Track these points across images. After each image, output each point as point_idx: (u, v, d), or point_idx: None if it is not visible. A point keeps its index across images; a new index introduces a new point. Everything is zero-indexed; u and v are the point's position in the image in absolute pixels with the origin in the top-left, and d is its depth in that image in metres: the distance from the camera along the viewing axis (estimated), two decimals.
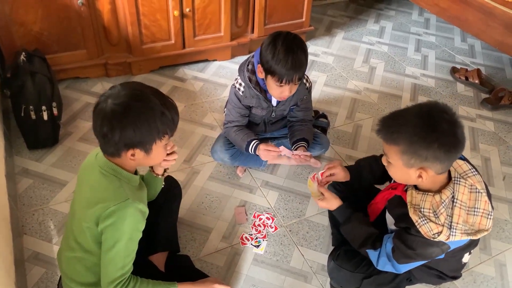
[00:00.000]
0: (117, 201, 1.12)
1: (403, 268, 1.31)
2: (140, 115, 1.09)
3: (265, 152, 1.78)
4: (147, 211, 1.21)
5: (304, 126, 1.93)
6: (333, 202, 1.44)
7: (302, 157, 1.77)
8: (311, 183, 1.50)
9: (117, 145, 1.12)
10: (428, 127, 1.11)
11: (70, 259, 1.25)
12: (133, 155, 1.14)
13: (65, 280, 1.29)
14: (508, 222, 1.95)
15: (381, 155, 1.53)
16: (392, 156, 1.19)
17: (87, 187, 1.21)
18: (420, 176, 1.17)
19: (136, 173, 1.26)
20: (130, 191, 1.18)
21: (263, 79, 1.71)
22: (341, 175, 1.55)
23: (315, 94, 2.61)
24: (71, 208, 1.29)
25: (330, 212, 1.73)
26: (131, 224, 1.15)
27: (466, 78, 2.83)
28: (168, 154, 1.30)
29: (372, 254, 1.36)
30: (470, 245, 1.31)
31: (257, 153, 1.82)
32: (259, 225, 1.82)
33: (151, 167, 1.39)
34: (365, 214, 1.53)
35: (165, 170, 1.40)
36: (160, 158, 1.24)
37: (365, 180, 1.55)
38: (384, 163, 1.27)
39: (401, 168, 1.19)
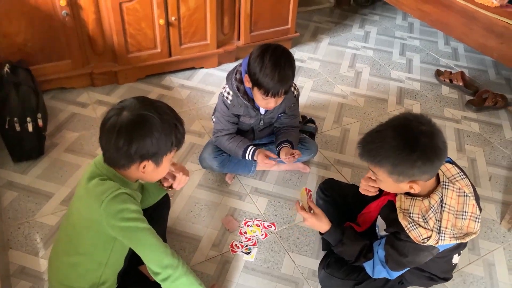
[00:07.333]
0: (107, 192, 1.11)
1: (396, 273, 1.32)
2: (157, 126, 1.11)
3: (262, 161, 1.79)
4: (136, 197, 1.21)
5: (289, 130, 1.94)
6: (323, 223, 1.39)
7: (290, 158, 1.78)
8: (304, 193, 1.46)
9: (132, 157, 1.12)
10: (408, 147, 1.10)
11: (63, 265, 1.25)
12: (144, 167, 1.15)
13: (56, 286, 1.27)
14: (496, 221, 1.97)
15: None
16: (380, 175, 1.19)
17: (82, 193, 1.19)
18: (411, 188, 1.18)
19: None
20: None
21: (250, 88, 1.71)
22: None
23: (302, 99, 2.62)
24: (66, 215, 1.28)
25: None
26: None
27: (451, 81, 2.87)
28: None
29: (367, 265, 1.37)
30: (459, 247, 1.32)
31: (255, 158, 1.82)
32: (257, 226, 1.81)
33: (160, 180, 1.38)
34: (355, 217, 1.54)
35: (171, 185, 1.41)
36: (165, 172, 1.25)
37: None
38: (373, 177, 1.26)
39: (391, 184, 1.19)
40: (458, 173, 1.24)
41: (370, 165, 1.20)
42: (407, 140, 1.10)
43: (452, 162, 1.29)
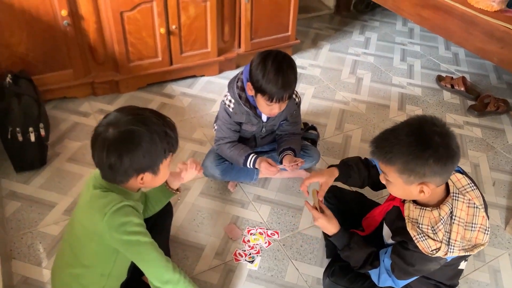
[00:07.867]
0: (110, 205, 1.11)
1: (402, 282, 1.30)
2: (146, 138, 1.09)
3: (266, 168, 1.78)
4: (139, 209, 1.21)
5: (291, 137, 1.93)
6: (332, 225, 1.38)
7: (293, 166, 1.77)
8: (315, 194, 1.47)
9: (127, 172, 1.11)
10: (421, 144, 1.10)
11: (66, 276, 1.24)
12: (142, 179, 1.15)
13: None
14: (500, 227, 1.96)
15: (365, 158, 1.54)
16: (391, 175, 1.18)
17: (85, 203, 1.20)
18: (421, 191, 1.16)
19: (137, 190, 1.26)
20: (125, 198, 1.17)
21: (252, 96, 1.71)
22: (325, 179, 1.49)
23: (304, 106, 2.62)
24: (69, 226, 1.28)
25: None
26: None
27: (452, 86, 2.87)
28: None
29: (373, 273, 1.35)
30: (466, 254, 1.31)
31: (256, 166, 1.81)
32: (260, 234, 1.81)
33: (166, 182, 1.40)
34: (359, 224, 1.53)
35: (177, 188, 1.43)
36: (165, 177, 1.24)
37: (352, 180, 1.53)
38: (383, 181, 1.25)
39: (402, 186, 1.18)
40: (468, 184, 1.22)
41: (382, 164, 1.19)
42: (420, 138, 1.11)
43: (462, 172, 1.27)
